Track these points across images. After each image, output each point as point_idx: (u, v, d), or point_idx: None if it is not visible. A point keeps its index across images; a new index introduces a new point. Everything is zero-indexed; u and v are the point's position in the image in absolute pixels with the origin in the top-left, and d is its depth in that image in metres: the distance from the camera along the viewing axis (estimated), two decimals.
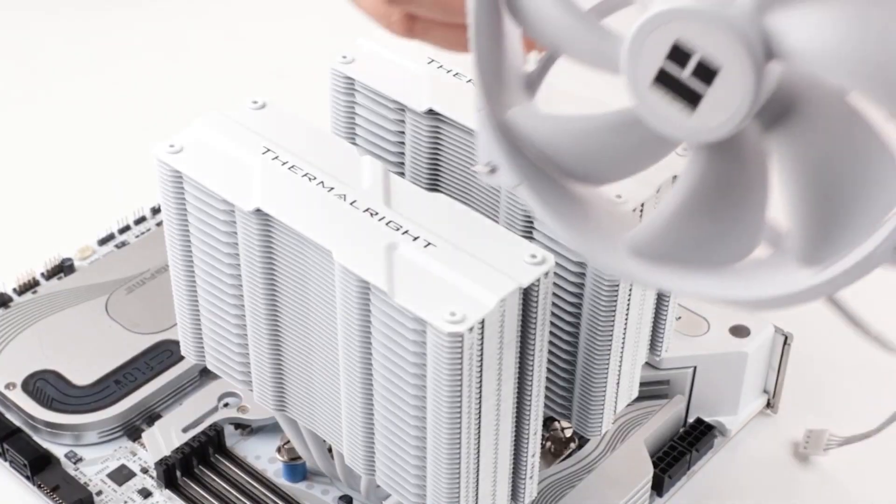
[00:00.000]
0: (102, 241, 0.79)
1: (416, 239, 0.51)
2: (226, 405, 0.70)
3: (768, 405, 0.72)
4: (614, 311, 0.56)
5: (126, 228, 0.80)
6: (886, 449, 0.71)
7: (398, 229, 0.52)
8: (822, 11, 0.42)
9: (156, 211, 0.81)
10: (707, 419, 0.70)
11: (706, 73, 0.44)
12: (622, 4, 0.50)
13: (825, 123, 0.46)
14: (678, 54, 0.44)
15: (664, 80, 0.45)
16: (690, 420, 0.70)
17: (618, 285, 0.56)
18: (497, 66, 0.51)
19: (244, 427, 0.69)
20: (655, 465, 0.67)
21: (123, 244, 0.79)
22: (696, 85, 0.45)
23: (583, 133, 0.50)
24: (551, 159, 0.51)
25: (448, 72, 0.61)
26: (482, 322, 0.48)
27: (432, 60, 0.61)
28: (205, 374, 0.71)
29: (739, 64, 0.43)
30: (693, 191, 0.49)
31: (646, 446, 0.67)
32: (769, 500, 0.68)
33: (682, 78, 0.45)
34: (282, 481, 0.67)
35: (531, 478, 0.56)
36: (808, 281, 0.47)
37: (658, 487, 0.67)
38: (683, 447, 0.68)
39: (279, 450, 0.67)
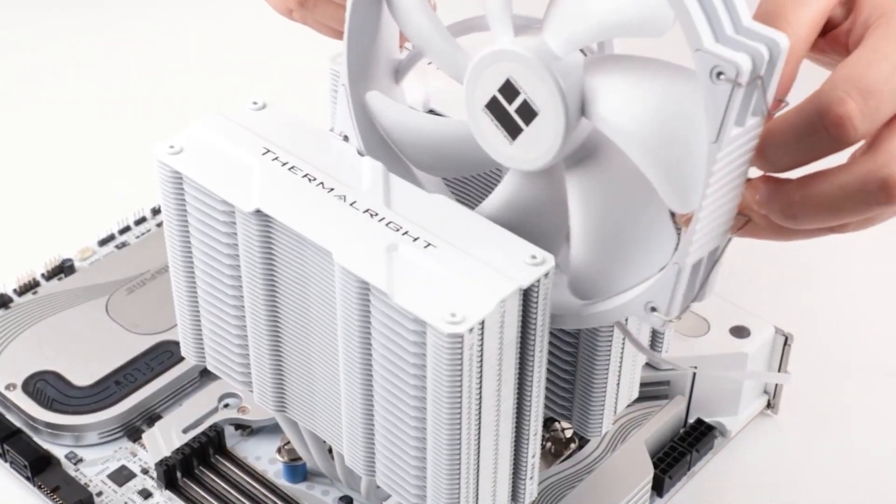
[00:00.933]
0: (103, 242, 0.79)
1: (415, 240, 0.51)
2: (226, 406, 0.70)
3: (768, 406, 0.72)
4: None
5: (126, 229, 0.80)
6: (887, 450, 0.71)
7: (398, 230, 0.52)
8: (626, 87, 0.47)
9: (156, 211, 0.81)
10: (707, 420, 0.70)
11: (528, 112, 0.49)
12: (480, 28, 0.54)
13: (616, 179, 0.50)
14: (509, 89, 0.49)
15: (494, 107, 0.50)
16: (691, 420, 0.70)
17: None
18: (368, 49, 0.55)
19: (244, 428, 0.69)
20: (656, 465, 0.67)
21: (124, 245, 0.79)
22: (518, 120, 0.50)
23: (422, 129, 0.55)
24: (395, 143, 0.57)
25: None
26: (482, 323, 0.48)
27: (430, 62, 0.61)
28: (205, 375, 0.71)
29: (554, 114, 0.49)
30: (506, 202, 0.53)
31: (646, 447, 0.66)
32: (769, 500, 0.68)
33: (509, 111, 0.50)
34: (282, 482, 0.67)
35: (531, 478, 0.56)
36: (576, 309, 0.53)
37: (658, 488, 0.67)
38: (684, 448, 0.68)
39: (279, 450, 0.67)
